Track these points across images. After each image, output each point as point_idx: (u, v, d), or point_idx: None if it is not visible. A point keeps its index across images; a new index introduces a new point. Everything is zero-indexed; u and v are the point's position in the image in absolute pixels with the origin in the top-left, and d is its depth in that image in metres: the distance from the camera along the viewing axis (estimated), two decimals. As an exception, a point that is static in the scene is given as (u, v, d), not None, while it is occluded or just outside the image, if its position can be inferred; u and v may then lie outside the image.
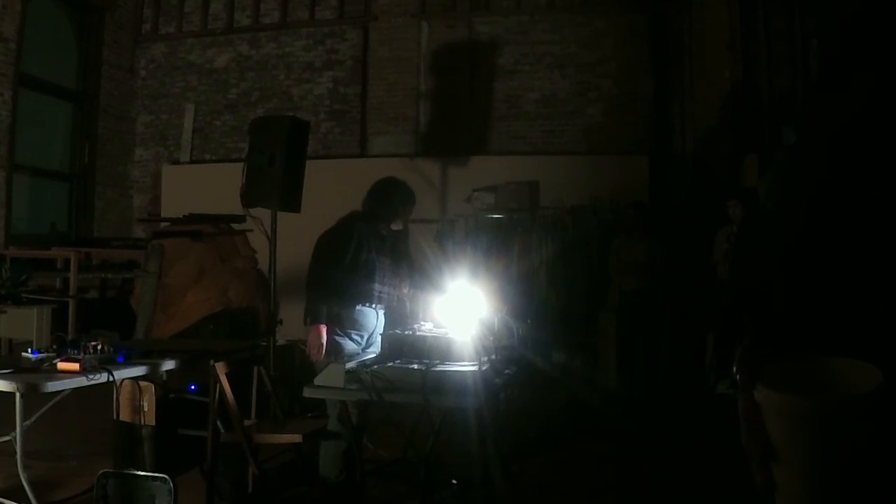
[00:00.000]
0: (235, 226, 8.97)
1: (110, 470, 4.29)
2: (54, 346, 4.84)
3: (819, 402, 1.28)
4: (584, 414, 7.63)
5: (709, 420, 7.27)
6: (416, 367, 4.13)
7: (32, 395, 4.58)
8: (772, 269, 1.31)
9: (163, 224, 10.34)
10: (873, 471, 1.24)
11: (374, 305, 5.19)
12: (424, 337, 4.41)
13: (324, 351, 5.01)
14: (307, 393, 4.32)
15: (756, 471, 1.32)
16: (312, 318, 5.08)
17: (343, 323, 5.12)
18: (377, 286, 5.16)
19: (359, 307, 5.14)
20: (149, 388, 4.80)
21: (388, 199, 5.34)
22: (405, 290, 5.39)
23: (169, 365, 5.09)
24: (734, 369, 1.28)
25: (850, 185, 1.23)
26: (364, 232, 5.18)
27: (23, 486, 4.64)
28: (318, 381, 4.29)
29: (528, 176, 10.12)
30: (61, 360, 4.55)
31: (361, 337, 5.17)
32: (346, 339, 5.13)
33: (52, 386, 4.43)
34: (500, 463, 5.02)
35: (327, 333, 5.07)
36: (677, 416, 7.62)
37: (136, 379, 4.78)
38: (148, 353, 5.17)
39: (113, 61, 12.16)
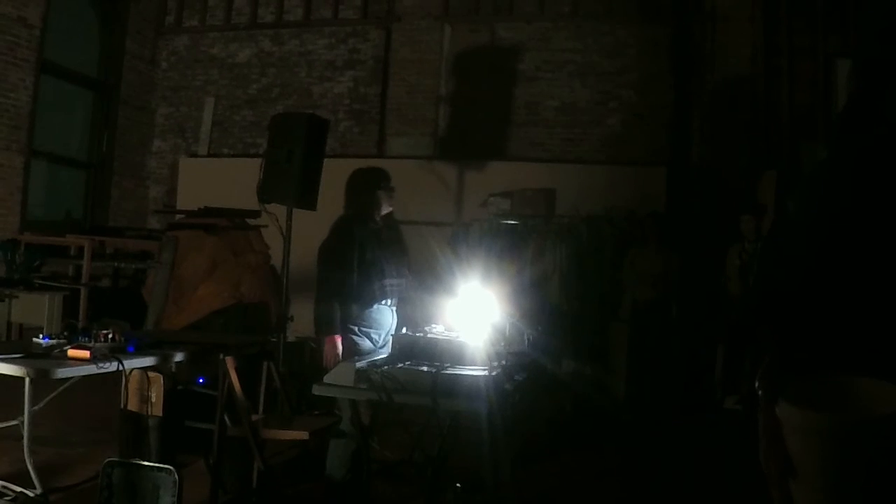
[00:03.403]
0: (250, 221, 8.98)
1: (116, 459, 4.29)
2: (65, 333, 4.86)
3: (842, 420, 1.26)
4: (590, 423, 7.61)
5: (715, 435, 7.27)
6: (426, 369, 4.12)
7: (41, 381, 4.59)
8: (799, 282, 1.29)
9: (178, 216, 10.36)
10: (894, 491, 1.22)
11: (388, 302, 5.20)
12: (436, 339, 4.39)
13: (340, 360, 5.00)
14: (316, 390, 4.31)
15: (774, 486, 1.30)
16: (327, 329, 5.08)
17: (361, 322, 5.13)
18: (387, 281, 5.18)
19: (376, 306, 5.16)
20: (157, 378, 4.80)
21: (366, 186, 5.34)
22: (408, 277, 5.40)
23: (179, 357, 5.09)
24: (756, 384, 1.27)
25: (882, 201, 1.22)
26: (362, 231, 5.19)
27: (28, 470, 4.65)
28: (327, 378, 4.28)
29: (545, 183, 10.08)
30: (72, 347, 4.56)
31: (379, 335, 5.18)
32: (365, 338, 5.14)
33: (62, 372, 4.44)
34: (508, 468, 5.00)
35: (346, 334, 5.09)
36: (684, 429, 7.58)
37: (145, 369, 4.78)
38: (158, 344, 5.18)
39: (135, 52, 12.21)
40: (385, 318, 5.22)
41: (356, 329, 5.13)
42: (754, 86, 10.15)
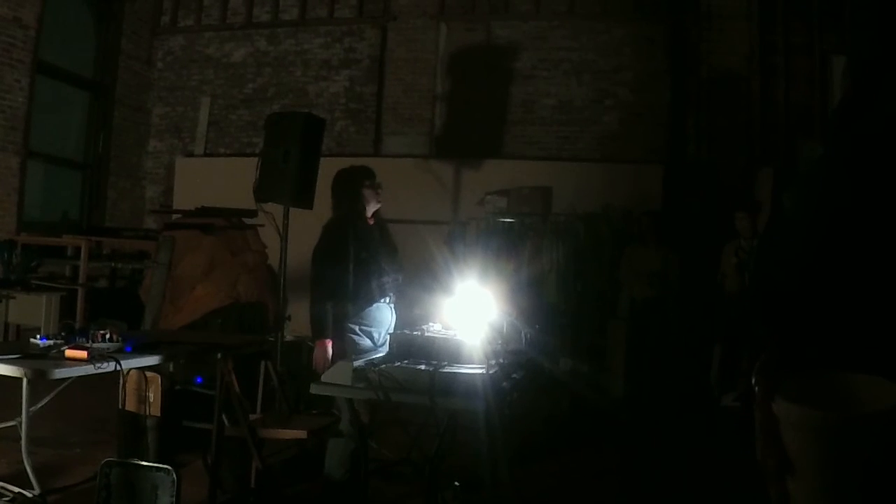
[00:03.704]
0: (247, 220, 8.96)
1: (114, 459, 4.29)
2: (62, 334, 4.84)
3: (839, 417, 1.26)
4: (588, 421, 7.61)
5: (712, 432, 7.27)
6: (424, 367, 4.11)
7: (39, 382, 4.59)
8: (796, 279, 1.29)
9: (174, 216, 10.35)
10: (892, 489, 1.22)
11: (386, 300, 5.21)
12: (433, 338, 4.39)
13: (329, 364, 5.00)
14: (314, 390, 4.30)
15: (771, 484, 1.30)
16: (319, 333, 5.09)
17: (361, 321, 5.14)
18: (384, 279, 5.18)
19: (375, 304, 5.17)
20: (155, 378, 4.80)
21: (350, 186, 5.33)
22: (402, 274, 5.41)
23: (177, 356, 5.08)
24: (753, 381, 1.27)
25: (879, 198, 1.22)
26: (353, 231, 5.19)
27: (26, 471, 4.64)
28: (325, 378, 4.28)
29: (542, 181, 10.09)
30: (69, 348, 4.54)
31: (379, 334, 5.18)
32: (365, 337, 5.15)
33: (60, 373, 4.43)
34: (506, 467, 5.00)
35: (344, 334, 5.09)
36: (682, 427, 7.58)
37: (143, 369, 4.77)
38: (156, 344, 5.16)
39: (131, 52, 12.20)
40: (384, 316, 5.22)
41: (356, 328, 5.13)
42: (750, 83, 10.17)
